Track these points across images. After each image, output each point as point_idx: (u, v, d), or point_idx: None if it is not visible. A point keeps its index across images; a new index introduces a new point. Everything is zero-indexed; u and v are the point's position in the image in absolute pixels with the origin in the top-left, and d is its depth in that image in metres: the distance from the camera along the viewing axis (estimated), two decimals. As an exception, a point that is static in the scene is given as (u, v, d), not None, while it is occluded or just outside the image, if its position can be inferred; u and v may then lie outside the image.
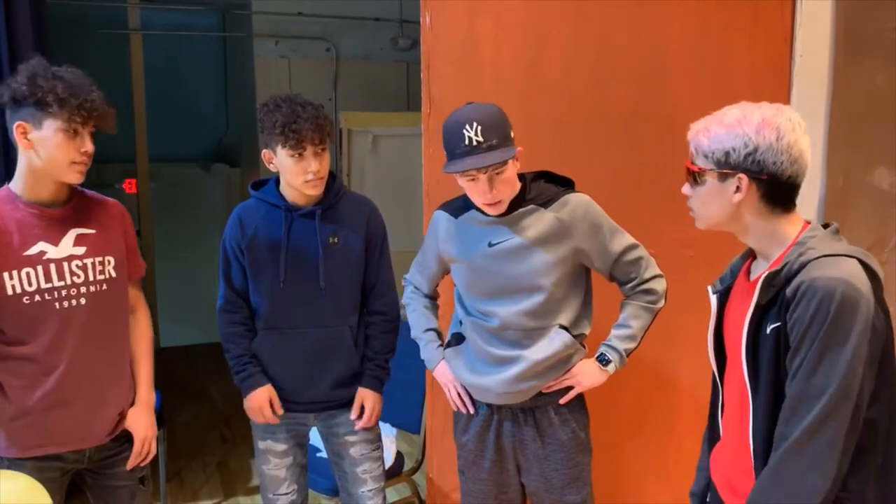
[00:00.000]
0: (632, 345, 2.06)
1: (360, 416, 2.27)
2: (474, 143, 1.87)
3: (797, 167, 1.42)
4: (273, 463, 2.30)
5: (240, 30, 5.77)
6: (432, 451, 2.69)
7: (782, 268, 1.40)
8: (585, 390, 2.09)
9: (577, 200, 2.01)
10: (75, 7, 5.11)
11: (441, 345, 2.20)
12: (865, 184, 2.72)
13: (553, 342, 2.01)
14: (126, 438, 2.05)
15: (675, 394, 2.70)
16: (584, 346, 2.09)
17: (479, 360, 2.06)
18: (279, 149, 2.09)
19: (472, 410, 2.12)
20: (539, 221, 1.99)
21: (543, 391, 2.06)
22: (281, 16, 5.41)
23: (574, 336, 2.03)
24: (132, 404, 2.06)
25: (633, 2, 2.58)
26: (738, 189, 1.44)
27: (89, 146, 1.86)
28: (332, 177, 2.23)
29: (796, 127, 1.43)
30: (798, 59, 2.67)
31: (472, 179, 1.91)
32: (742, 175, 1.43)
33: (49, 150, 1.82)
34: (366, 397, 2.27)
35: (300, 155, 2.08)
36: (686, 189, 1.54)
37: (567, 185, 2.07)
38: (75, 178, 1.88)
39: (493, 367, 2.03)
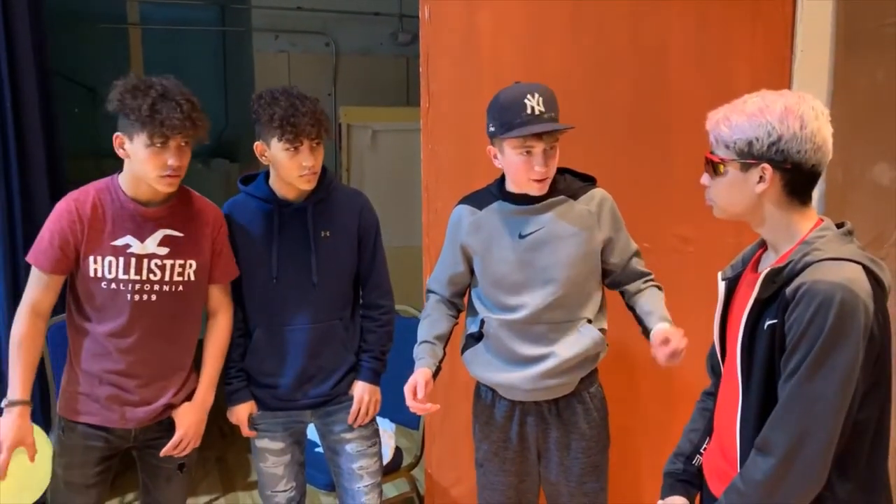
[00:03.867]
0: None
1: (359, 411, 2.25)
2: (537, 112, 1.87)
3: (820, 156, 1.41)
4: (271, 461, 2.29)
5: (239, 24, 5.76)
6: (431, 446, 2.69)
7: (786, 265, 1.39)
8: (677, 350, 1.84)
9: (602, 194, 2.04)
10: (75, 1, 5.10)
11: (434, 352, 2.06)
12: (865, 179, 2.71)
13: (583, 338, 2.00)
14: (173, 426, 2.13)
15: (673, 390, 2.70)
16: (607, 343, 2.08)
17: (505, 358, 2.03)
18: (274, 142, 2.06)
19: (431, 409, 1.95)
20: (570, 212, 1.99)
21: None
22: (280, 10, 5.40)
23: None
24: (188, 399, 2.15)
25: (632, -3, 2.57)
26: (761, 179, 1.42)
27: (174, 160, 1.94)
28: (324, 170, 2.19)
29: (819, 115, 1.41)
30: (798, 55, 2.66)
31: (528, 152, 1.90)
32: (766, 165, 1.41)
33: (140, 162, 1.95)
34: (359, 388, 2.25)
35: (296, 149, 2.05)
36: (705, 179, 1.52)
37: (589, 181, 2.08)
38: (164, 188, 1.99)
39: (519, 365, 2.02)
